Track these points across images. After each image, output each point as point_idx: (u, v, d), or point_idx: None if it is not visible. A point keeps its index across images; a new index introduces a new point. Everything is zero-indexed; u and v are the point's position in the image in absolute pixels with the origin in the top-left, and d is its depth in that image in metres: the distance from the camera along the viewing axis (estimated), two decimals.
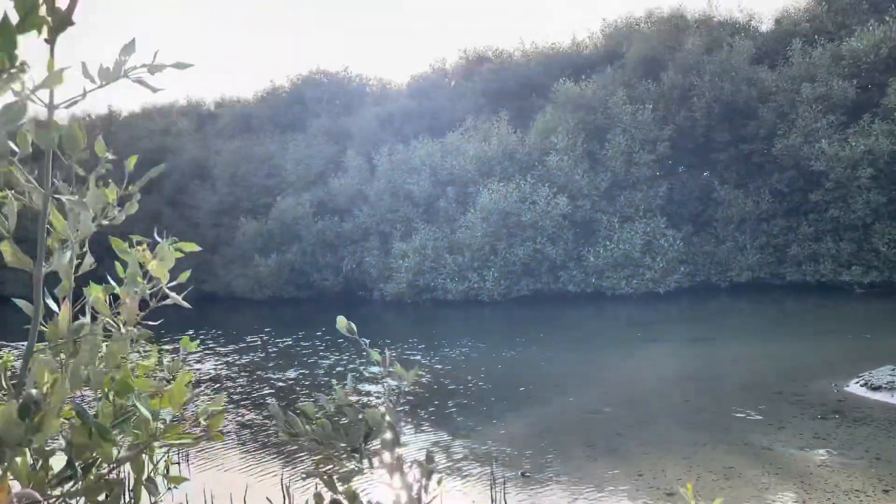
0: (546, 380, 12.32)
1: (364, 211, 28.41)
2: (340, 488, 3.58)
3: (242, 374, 13.89)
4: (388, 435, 3.53)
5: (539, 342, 16.52)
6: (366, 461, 4.05)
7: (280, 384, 12.71)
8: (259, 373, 13.87)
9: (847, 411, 9.29)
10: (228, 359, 15.69)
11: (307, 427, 3.47)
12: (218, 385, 12.95)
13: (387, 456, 3.74)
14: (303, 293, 29.88)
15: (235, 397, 11.78)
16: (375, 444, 3.57)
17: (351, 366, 14.15)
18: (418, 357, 15.01)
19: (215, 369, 14.63)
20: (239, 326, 22.76)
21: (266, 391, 12.13)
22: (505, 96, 33.78)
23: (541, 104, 30.18)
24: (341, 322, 3.71)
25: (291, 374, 13.66)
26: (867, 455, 7.56)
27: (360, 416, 3.98)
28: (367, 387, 11.94)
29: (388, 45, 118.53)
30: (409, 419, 9.90)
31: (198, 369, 14.76)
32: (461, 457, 8.14)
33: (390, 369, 4.21)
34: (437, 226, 26.47)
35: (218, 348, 17.26)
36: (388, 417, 3.86)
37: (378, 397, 11.23)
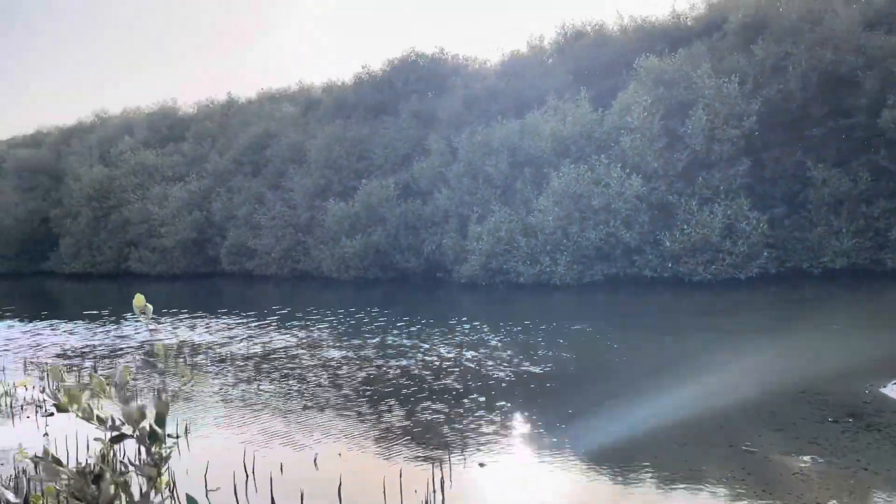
0: (584, 367, 12.14)
1: (444, 193, 28.74)
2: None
3: (306, 347, 14.64)
4: (149, 431, 3.78)
5: (601, 329, 16.19)
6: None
7: (336, 359, 13.32)
8: (325, 347, 14.58)
9: (865, 415, 8.58)
10: (303, 332, 16.60)
11: (76, 405, 3.77)
12: (287, 356, 13.77)
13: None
14: (386, 274, 30.74)
15: (296, 369, 12.52)
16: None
17: (417, 344, 14.55)
18: (488, 338, 15.24)
19: (291, 341, 15.84)
20: (325, 304, 23.91)
21: (325, 364, 12.74)
22: (597, 73, 32.87)
23: (631, 81, 29.13)
24: (138, 301, 3.98)
25: (348, 352, 14.23)
26: (856, 464, 7.01)
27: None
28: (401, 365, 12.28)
29: (489, 24, 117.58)
30: (444, 395, 10.11)
31: (279, 338, 15.88)
32: (438, 438, 8.27)
33: (179, 367, 4.46)
34: (514, 208, 26.35)
35: (305, 322, 18.86)
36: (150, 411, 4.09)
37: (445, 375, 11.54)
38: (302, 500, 6.50)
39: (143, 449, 3.75)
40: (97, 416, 3.47)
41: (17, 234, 48.61)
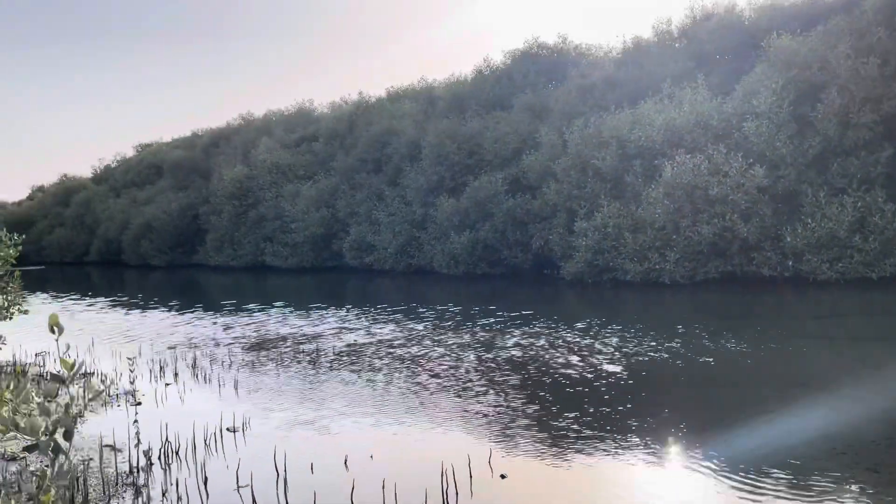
0: (678, 371, 11.47)
1: (552, 188, 28.17)
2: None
3: (396, 342, 14.97)
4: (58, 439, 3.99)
5: (708, 331, 15.13)
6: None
7: (419, 354, 13.55)
8: (414, 343, 14.86)
9: None
10: (400, 327, 17.02)
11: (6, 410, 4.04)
12: (373, 350, 14.16)
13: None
14: (494, 270, 30.67)
15: (375, 363, 12.84)
16: None
17: (509, 341, 14.48)
18: (580, 337, 14.92)
19: (385, 336, 16.27)
20: (432, 299, 24.37)
21: (404, 358, 12.99)
22: (720, 57, 30.91)
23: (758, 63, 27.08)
24: (52, 319, 4.23)
25: (434, 348, 14.38)
26: None
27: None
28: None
29: (620, 9, 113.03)
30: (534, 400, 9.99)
31: (376, 332, 16.35)
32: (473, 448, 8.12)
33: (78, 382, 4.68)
34: (623, 202, 25.33)
35: (406, 316, 19.49)
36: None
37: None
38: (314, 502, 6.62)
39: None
40: (17, 425, 3.64)
41: (171, 229, 53.35)
